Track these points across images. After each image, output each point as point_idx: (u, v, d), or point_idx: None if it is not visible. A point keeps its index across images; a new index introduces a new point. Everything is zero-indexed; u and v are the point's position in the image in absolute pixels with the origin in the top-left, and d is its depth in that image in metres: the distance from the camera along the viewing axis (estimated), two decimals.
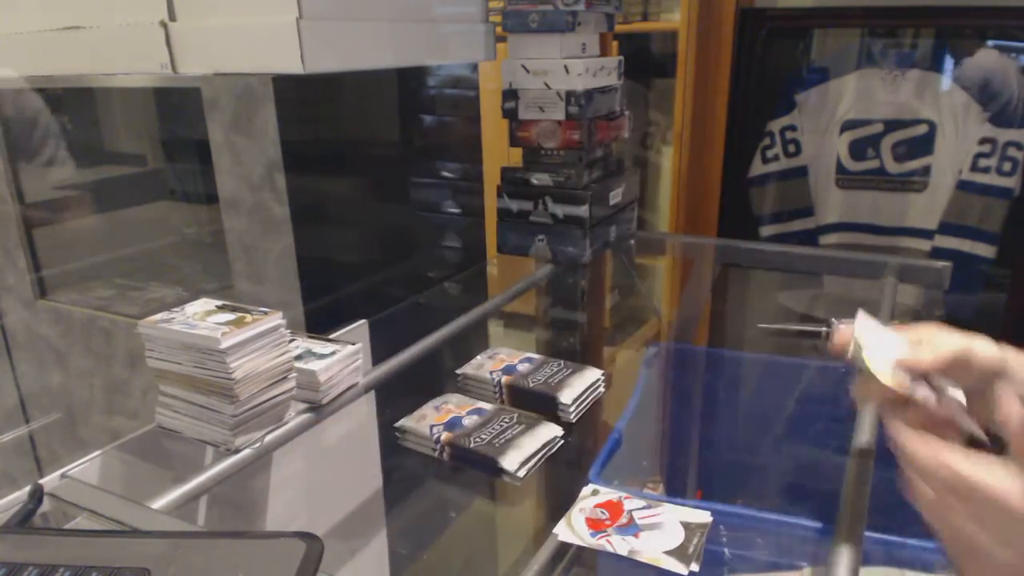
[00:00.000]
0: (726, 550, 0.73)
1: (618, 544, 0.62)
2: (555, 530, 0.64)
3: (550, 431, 0.76)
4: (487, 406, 0.81)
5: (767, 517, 0.73)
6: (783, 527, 0.73)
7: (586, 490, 0.70)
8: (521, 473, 0.70)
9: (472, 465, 0.74)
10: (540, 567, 0.50)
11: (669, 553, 0.61)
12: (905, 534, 0.69)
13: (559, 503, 0.70)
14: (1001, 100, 1.47)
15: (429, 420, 0.78)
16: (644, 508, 0.67)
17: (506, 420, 0.77)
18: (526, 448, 0.72)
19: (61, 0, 0.83)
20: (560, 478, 0.85)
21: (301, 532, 0.46)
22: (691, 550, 0.61)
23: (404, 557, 0.93)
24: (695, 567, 0.60)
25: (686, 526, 0.64)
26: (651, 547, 0.62)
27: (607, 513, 0.67)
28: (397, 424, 0.79)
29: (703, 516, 0.66)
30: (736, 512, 0.73)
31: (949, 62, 1.52)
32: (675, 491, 0.84)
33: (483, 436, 0.74)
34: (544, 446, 0.74)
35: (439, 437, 0.75)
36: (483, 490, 0.79)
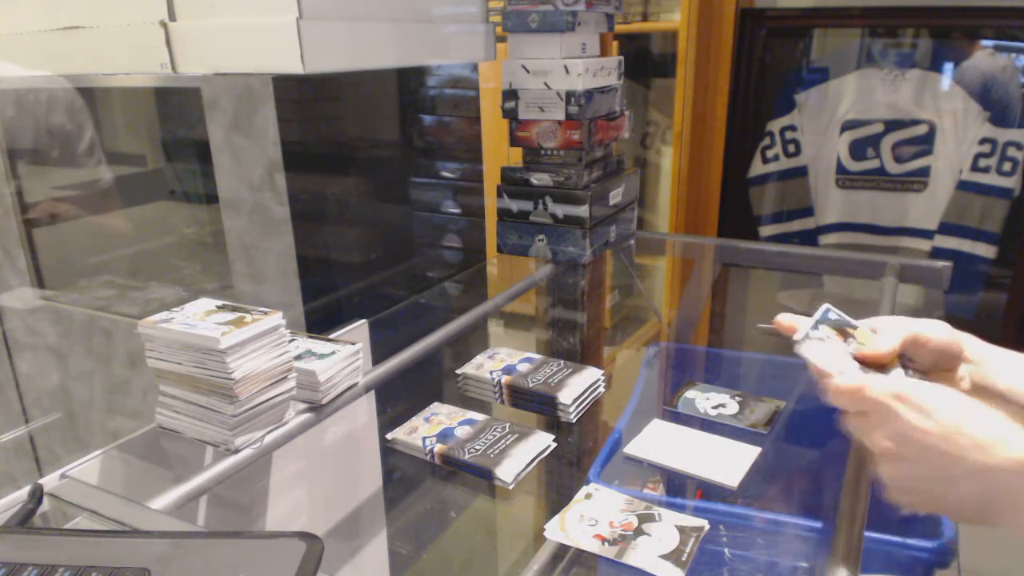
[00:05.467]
0: (726, 550, 0.73)
1: (611, 547, 0.62)
2: (545, 529, 0.64)
3: (542, 439, 0.76)
4: (477, 415, 0.81)
5: (767, 517, 0.73)
6: (783, 527, 0.73)
7: (582, 491, 0.70)
8: (514, 483, 0.70)
9: (467, 473, 0.74)
10: (540, 567, 0.50)
11: (664, 557, 0.61)
12: (905, 534, 0.69)
13: (559, 503, 0.70)
14: (1001, 100, 1.47)
15: (421, 432, 0.78)
16: (640, 511, 0.67)
17: (498, 430, 0.77)
18: (520, 458, 0.73)
19: (61, 0, 0.83)
20: (560, 478, 0.85)
21: (301, 532, 0.46)
22: (684, 556, 0.61)
23: (404, 557, 0.93)
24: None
25: (681, 530, 0.64)
26: (645, 551, 0.62)
27: (602, 514, 0.67)
28: (388, 436, 0.79)
29: (698, 521, 0.66)
30: (736, 512, 0.73)
31: (949, 62, 1.52)
32: (675, 492, 0.84)
33: (477, 447, 0.74)
34: (537, 455, 0.74)
35: (432, 449, 0.75)
36: (482, 491, 0.79)
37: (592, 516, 0.66)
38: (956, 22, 1.50)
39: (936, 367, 0.61)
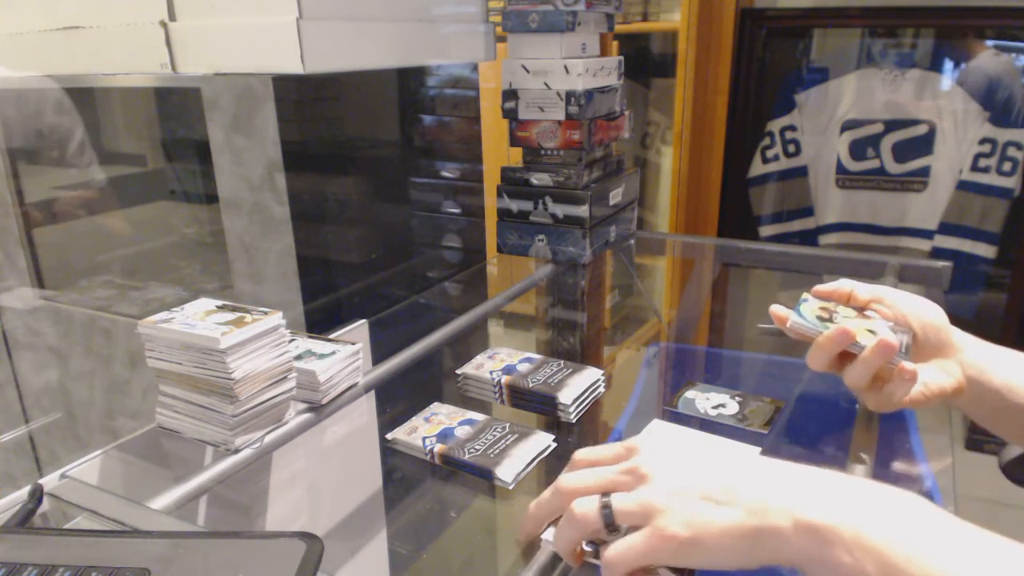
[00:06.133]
0: None
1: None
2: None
3: (542, 440, 0.76)
4: (477, 415, 0.81)
5: None
6: None
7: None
8: (514, 483, 0.70)
9: (467, 473, 0.74)
10: (540, 567, 0.50)
11: None
12: None
13: None
14: (1001, 100, 1.47)
15: (421, 432, 0.78)
16: None
17: (499, 430, 0.77)
18: (520, 458, 0.73)
19: (61, 0, 0.83)
20: None
21: (301, 532, 0.46)
22: None
23: (404, 557, 0.93)
24: None
25: None
26: None
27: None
28: (388, 436, 0.79)
29: None
30: None
31: (949, 62, 1.52)
32: None
33: (477, 447, 0.74)
34: (537, 455, 0.74)
35: (432, 449, 0.75)
36: (482, 491, 0.79)
37: None
38: (956, 22, 1.50)
39: (923, 350, 0.62)
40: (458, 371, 0.90)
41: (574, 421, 0.82)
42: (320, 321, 1.22)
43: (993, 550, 0.34)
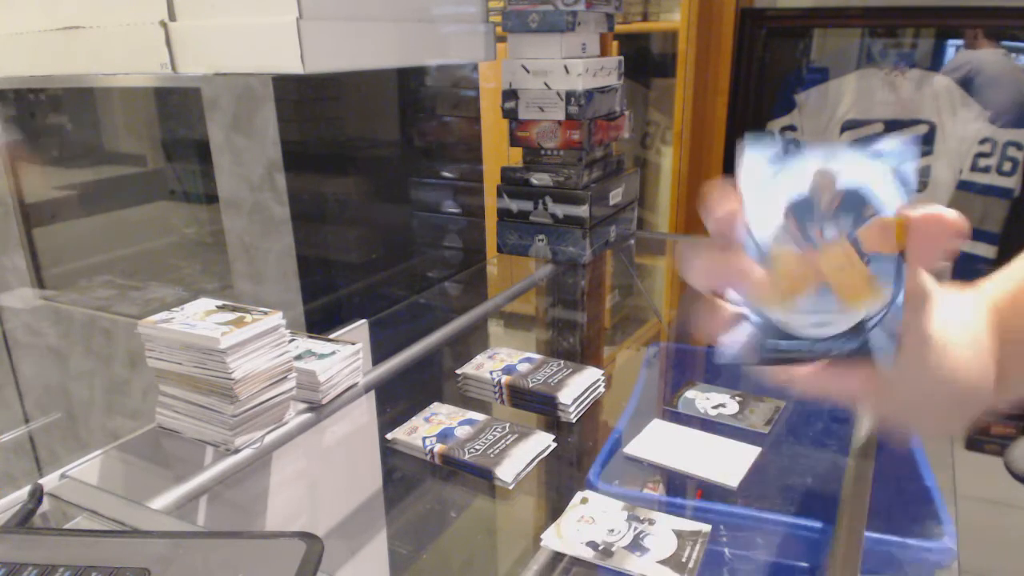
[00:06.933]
0: (726, 550, 0.73)
1: (607, 555, 0.62)
2: (543, 538, 0.64)
3: (542, 439, 0.76)
4: (477, 415, 0.81)
5: (767, 517, 0.73)
6: (783, 527, 0.73)
7: (577, 497, 0.70)
8: (514, 483, 0.70)
9: (467, 473, 0.74)
10: (539, 568, 0.50)
11: (663, 563, 0.61)
12: (905, 534, 0.69)
13: (559, 504, 0.70)
14: (1001, 100, 1.47)
15: (421, 432, 0.78)
16: (636, 516, 0.67)
17: (498, 430, 0.77)
18: (520, 458, 0.73)
19: (61, 0, 0.83)
20: (560, 478, 0.85)
21: (301, 532, 0.46)
22: (684, 559, 0.61)
23: (404, 557, 0.93)
24: None
25: (679, 535, 0.64)
26: (643, 557, 0.62)
27: (599, 521, 0.67)
28: (388, 436, 0.79)
29: (698, 525, 0.66)
30: (736, 512, 0.73)
31: (949, 62, 1.52)
32: (675, 492, 0.84)
33: (477, 447, 0.74)
34: (537, 455, 0.74)
35: (432, 449, 0.75)
36: (482, 491, 0.79)
37: (588, 523, 0.66)
38: (956, 22, 1.50)
39: None
40: (458, 371, 0.90)
41: (574, 421, 0.82)
42: (320, 321, 1.22)
43: None
